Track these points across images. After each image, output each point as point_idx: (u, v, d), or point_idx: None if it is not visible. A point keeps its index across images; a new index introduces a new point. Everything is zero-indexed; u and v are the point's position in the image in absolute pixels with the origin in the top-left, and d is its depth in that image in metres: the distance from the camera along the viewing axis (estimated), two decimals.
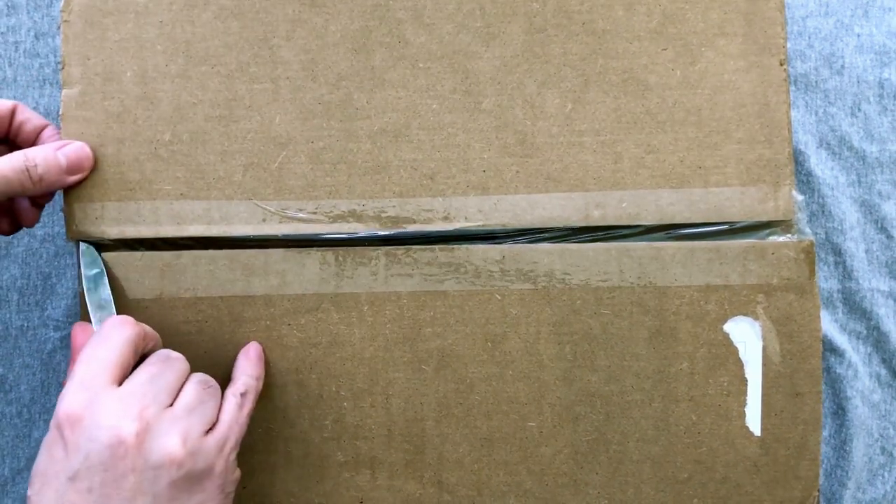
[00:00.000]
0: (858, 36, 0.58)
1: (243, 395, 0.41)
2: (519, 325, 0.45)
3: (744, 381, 0.45)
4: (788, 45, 0.46)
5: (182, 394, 0.38)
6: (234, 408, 0.40)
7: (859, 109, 0.57)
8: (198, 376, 0.40)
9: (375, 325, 0.45)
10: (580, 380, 0.45)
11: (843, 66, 0.58)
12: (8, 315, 0.53)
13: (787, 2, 0.48)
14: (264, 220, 0.44)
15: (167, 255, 0.44)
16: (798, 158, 0.56)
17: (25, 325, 0.53)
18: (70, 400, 0.36)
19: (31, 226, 0.46)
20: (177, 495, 0.36)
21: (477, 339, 0.45)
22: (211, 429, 0.38)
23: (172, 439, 0.36)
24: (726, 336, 0.45)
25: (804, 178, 0.56)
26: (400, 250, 0.45)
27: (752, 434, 0.45)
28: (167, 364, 0.39)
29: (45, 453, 0.36)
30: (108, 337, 0.38)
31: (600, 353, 0.45)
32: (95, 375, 0.37)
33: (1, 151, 0.44)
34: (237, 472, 0.40)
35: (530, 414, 0.45)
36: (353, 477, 0.45)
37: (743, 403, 0.45)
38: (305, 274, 0.44)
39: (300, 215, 0.44)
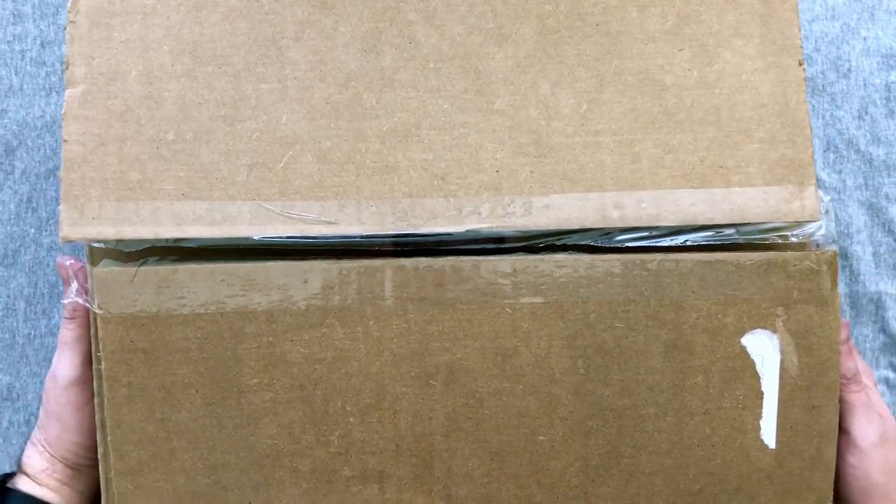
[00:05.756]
0: (865, 39, 0.51)
1: None
2: (530, 339, 0.38)
3: (760, 395, 0.38)
4: None
5: None
6: None
7: (866, 113, 0.50)
8: None
9: (382, 340, 0.38)
10: (593, 394, 0.38)
11: (849, 70, 0.51)
12: (15, 324, 0.47)
13: None
14: (268, 222, 0.37)
15: (163, 271, 0.37)
16: None
17: (32, 333, 0.47)
18: None
19: None
20: None
21: (487, 353, 0.38)
22: None
23: None
24: (743, 349, 0.38)
25: None
26: (407, 263, 0.38)
27: (766, 446, 0.39)
28: None
29: None
30: None
31: (614, 367, 0.38)
32: None
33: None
34: None
35: (541, 428, 0.38)
36: (361, 491, 0.38)
37: (758, 416, 0.39)
38: (308, 288, 0.37)
39: (306, 216, 0.37)
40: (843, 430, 0.39)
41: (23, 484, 0.39)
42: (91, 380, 0.38)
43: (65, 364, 0.39)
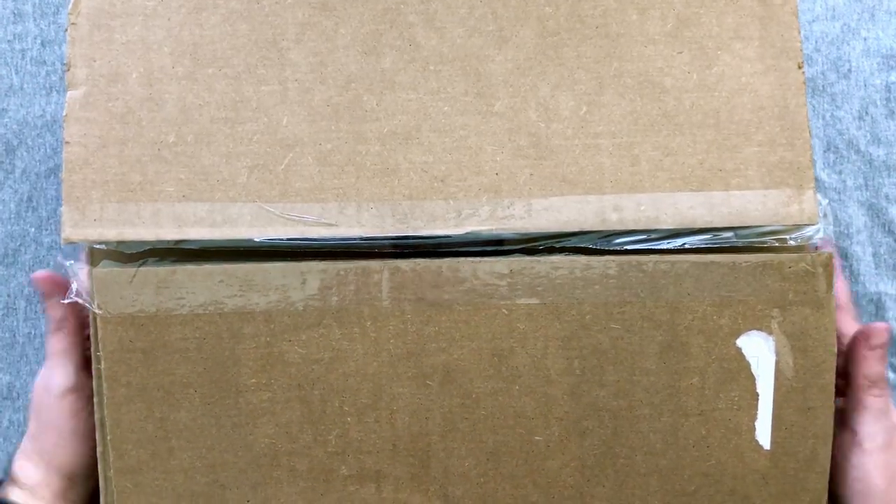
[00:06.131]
0: (865, 40, 0.51)
1: None
2: (526, 340, 0.38)
3: (755, 396, 0.38)
4: None
5: None
6: None
7: (866, 113, 0.50)
8: None
9: (379, 341, 0.38)
10: (588, 394, 0.38)
11: (849, 70, 0.50)
12: (15, 323, 0.47)
13: None
14: (269, 224, 0.37)
15: (162, 271, 0.37)
16: None
17: (32, 332, 0.47)
18: None
19: None
20: None
21: (483, 354, 0.38)
22: None
23: None
24: (739, 351, 0.38)
25: None
26: (404, 264, 0.38)
27: (761, 447, 0.39)
28: None
29: None
30: None
31: (609, 368, 0.38)
32: None
33: None
34: None
35: (537, 428, 0.38)
36: (358, 490, 0.39)
37: (753, 417, 0.39)
38: (306, 289, 0.38)
39: (306, 218, 0.37)
40: (851, 430, 0.39)
41: (17, 497, 0.39)
42: (86, 385, 0.38)
43: (59, 374, 0.39)
